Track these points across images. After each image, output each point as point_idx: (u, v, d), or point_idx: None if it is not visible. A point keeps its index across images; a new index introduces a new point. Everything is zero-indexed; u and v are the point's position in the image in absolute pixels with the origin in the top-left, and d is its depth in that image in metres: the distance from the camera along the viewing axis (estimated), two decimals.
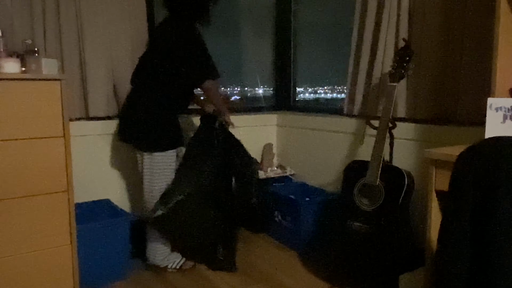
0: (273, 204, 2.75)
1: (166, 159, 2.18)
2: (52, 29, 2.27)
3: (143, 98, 2.16)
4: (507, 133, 1.47)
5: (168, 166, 2.19)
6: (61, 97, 1.81)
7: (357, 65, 2.52)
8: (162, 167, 2.18)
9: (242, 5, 3.27)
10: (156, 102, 2.15)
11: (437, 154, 1.57)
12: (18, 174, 1.75)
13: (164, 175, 2.18)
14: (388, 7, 2.28)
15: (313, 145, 2.92)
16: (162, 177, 2.18)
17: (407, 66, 2.07)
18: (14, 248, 1.78)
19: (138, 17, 2.54)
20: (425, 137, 2.18)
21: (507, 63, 1.59)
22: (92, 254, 2.07)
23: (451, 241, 1.10)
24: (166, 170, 2.19)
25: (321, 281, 2.19)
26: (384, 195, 2.00)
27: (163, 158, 2.17)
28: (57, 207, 1.85)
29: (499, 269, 0.99)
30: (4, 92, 1.69)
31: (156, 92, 2.16)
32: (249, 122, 3.09)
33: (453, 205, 1.11)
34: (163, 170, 2.18)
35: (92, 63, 2.39)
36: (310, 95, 3.36)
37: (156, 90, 2.16)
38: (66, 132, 1.84)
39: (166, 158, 2.17)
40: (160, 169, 2.17)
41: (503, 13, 1.55)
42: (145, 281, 2.20)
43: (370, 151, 2.08)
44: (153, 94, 2.16)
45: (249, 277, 2.25)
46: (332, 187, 2.75)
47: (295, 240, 2.57)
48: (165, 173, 2.18)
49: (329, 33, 3.11)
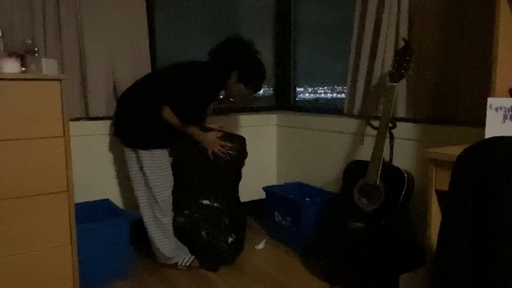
0: (273, 204, 2.75)
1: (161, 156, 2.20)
2: (52, 29, 2.27)
3: (141, 96, 2.21)
4: (507, 133, 1.47)
5: (166, 162, 2.23)
6: (61, 97, 1.81)
7: (357, 65, 2.52)
8: (160, 163, 2.20)
9: (242, 5, 3.27)
10: (153, 101, 2.17)
11: (437, 154, 1.57)
12: (18, 174, 1.75)
13: (165, 171, 2.22)
14: (388, 7, 2.28)
15: (313, 145, 2.92)
16: (164, 173, 2.21)
17: (407, 66, 2.07)
18: (14, 248, 1.77)
19: (138, 17, 2.54)
20: (425, 137, 2.18)
21: (507, 63, 1.59)
22: (92, 254, 2.07)
23: (451, 241, 1.10)
24: (164, 165, 2.21)
25: (321, 281, 2.19)
26: (384, 195, 2.00)
27: (160, 156, 2.19)
28: (57, 207, 1.85)
29: (499, 268, 1.00)
30: (4, 92, 1.69)
31: (153, 93, 2.20)
32: (249, 122, 3.09)
33: (453, 205, 1.11)
34: (162, 166, 2.21)
35: (92, 63, 2.39)
36: (310, 95, 3.36)
37: (154, 91, 2.20)
38: (66, 132, 1.84)
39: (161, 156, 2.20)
40: (157, 165, 2.20)
41: (503, 13, 1.55)
42: (145, 281, 2.20)
43: (370, 151, 2.08)
44: (150, 95, 2.19)
45: (249, 277, 2.25)
46: (332, 187, 2.75)
47: (295, 240, 2.57)
48: (165, 168, 2.22)
49: (329, 33, 3.11)
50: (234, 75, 2.25)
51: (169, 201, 2.27)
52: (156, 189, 2.20)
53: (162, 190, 2.22)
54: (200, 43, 2.35)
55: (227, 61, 2.22)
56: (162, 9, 2.83)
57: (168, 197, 2.26)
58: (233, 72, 2.24)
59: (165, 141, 2.22)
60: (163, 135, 2.20)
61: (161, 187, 2.22)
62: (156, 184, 2.20)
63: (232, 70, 2.24)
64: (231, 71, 2.24)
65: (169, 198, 2.26)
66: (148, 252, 2.44)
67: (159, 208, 2.23)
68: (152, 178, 2.19)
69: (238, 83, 2.26)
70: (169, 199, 2.26)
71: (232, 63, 2.23)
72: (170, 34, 2.91)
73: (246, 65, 2.24)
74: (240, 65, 2.23)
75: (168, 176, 2.25)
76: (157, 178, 2.20)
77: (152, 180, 2.19)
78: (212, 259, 2.33)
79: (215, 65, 2.25)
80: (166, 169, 2.24)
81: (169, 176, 2.26)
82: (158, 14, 2.79)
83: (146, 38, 2.58)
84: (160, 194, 2.22)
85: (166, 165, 2.24)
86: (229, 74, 2.24)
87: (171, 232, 2.29)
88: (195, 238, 2.32)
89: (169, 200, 2.26)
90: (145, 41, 2.57)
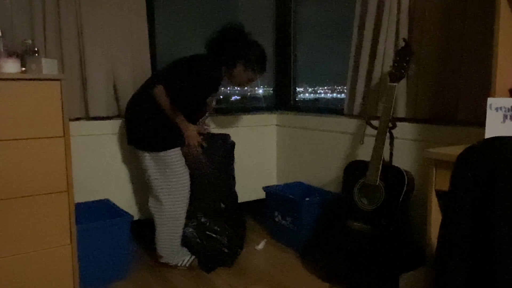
0: (273, 204, 2.75)
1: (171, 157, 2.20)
2: (52, 29, 2.27)
3: (143, 99, 2.21)
4: (507, 133, 1.47)
5: (176, 162, 2.22)
6: (61, 97, 1.81)
7: (357, 65, 2.52)
8: (170, 164, 2.21)
9: (242, 5, 3.27)
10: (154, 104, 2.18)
11: (437, 154, 1.57)
12: (18, 174, 1.75)
13: (174, 171, 2.22)
14: (388, 7, 2.28)
15: (313, 145, 2.92)
16: (174, 174, 2.22)
17: (407, 66, 2.07)
18: (14, 248, 1.77)
19: (138, 17, 2.54)
20: (425, 137, 2.18)
21: (507, 63, 1.59)
22: (92, 254, 2.07)
23: (451, 241, 1.10)
24: (174, 166, 2.21)
25: (321, 281, 2.19)
26: (384, 195, 2.00)
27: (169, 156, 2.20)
28: (57, 207, 1.85)
29: (499, 268, 1.00)
30: (4, 92, 1.69)
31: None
32: (249, 122, 3.10)
33: (453, 205, 1.11)
34: (172, 166, 2.21)
35: (92, 63, 2.39)
36: (310, 95, 3.36)
37: None
38: (66, 132, 1.84)
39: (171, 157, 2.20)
40: (168, 166, 2.20)
41: (503, 13, 1.55)
42: (145, 281, 2.20)
43: (370, 151, 2.08)
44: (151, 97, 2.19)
45: (249, 277, 2.25)
46: (332, 187, 2.75)
47: (295, 240, 2.57)
48: (175, 169, 2.22)
49: (329, 33, 3.11)
50: (240, 65, 2.30)
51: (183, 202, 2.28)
52: (173, 189, 2.22)
53: (172, 190, 2.24)
54: (200, 43, 2.36)
55: (228, 53, 2.28)
56: (162, 9, 2.83)
57: (184, 197, 2.27)
58: (238, 62, 2.30)
59: (175, 141, 2.23)
60: (173, 134, 2.21)
61: (176, 186, 2.24)
62: (171, 183, 2.22)
63: (235, 60, 2.29)
64: (235, 62, 2.30)
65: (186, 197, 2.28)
66: (148, 252, 2.44)
67: (173, 208, 2.25)
68: (167, 177, 2.21)
69: (245, 70, 2.33)
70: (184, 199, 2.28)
71: (235, 54, 2.28)
72: (170, 35, 2.91)
73: (248, 52, 2.30)
74: (243, 54, 2.29)
75: (183, 176, 2.25)
76: (167, 178, 2.22)
77: (167, 179, 2.22)
78: (210, 261, 2.33)
79: (214, 58, 2.28)
80: (179, 168, 2.24)
81: (183, 176, 2.26)
82: (158, 14, 2.79)
83: (146, 38, 2.58)
84: (177, 193, 2.24)
85: (180, 165, 2.24)
86: (234, 64, 2.30)
87: (179, 234, 2.29)
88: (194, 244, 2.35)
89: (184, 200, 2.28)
90: (145, 41, 2.57)
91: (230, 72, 2.33)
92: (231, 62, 2.30)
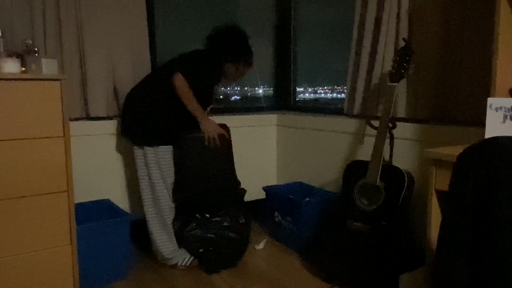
0: (273, 204, 2.75)
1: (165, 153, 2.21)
2: (52, 29, 2.27)
3: (145, 94, 2.22)
4: (507, 133, 1.47)
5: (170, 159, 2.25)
6: (61, 97, 1.81)
7: (357, 65, 2.52)
8: (163, 160, 2.21)
9: (242, 5, 3.27)
10: (158, 97, 2.18)
11: (437, 154, 1.57)
12: (18, 174, 1.75)
13: (167, 168, 2.23)
14: (388, 7, 2.28)
15: (313, 145, 2.92)
16: (166, 171, 2.23)
17: (407, 66, 2.07)
18: (14, 248, 1.77)
19: (138, 17, 2.54)
20: (425, 137, 2.18)
21: (507, 63, 1.59)
22: (92, 254, 2.07)
23: (451, 241, 1.10)
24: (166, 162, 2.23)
25: (321, 281, 2.19)
26: (384, 195, 2.00)
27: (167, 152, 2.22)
28: (57, 207, 1.85)
29: (499, 268, 0.99)
30: (4, 92, 1.69)
31: (157, 89, 2.20)
32: (249, 122, 3.10)
33: (453, 205, 1.11)
34: (163, 162, 2.22)
35: (92, 63, 2.39)
36: (310, 95, 3.36)
37: (158, 87, 2.20)
38: (66, 132, 1.84)
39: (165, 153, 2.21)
40: (160, 162, 2.21)
41: (503, 13, 1.55)
42: (145, 281, 2.20)
43: (370, 151, 2.08)
44: (154, 91, 2.20)
45: (249, 277, 2.25)
46: (332, 187, 2.75)
47: (295, 240, 2.57)
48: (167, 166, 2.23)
49: (329, 33, 3.11)
50: (230, 63, 2.38)
51: (170, 200, 2.27)
52: (158, 187, 2.21)
53: (163, 187, 2.23)
54: (200, 43, 2.36)
55: (222, 52, 2.33)
56: (162, 9, 2.83)
57: (170, 195, 2.26)
58: (230, 59, 2.37)
59: (169, 138, 2.23)
60: (168, 132, 2.21)
61: (162, 185, 2.23)
62: (158, 182, 2.21)
63: (234, 57, 2.36)
64: (238, 59, 2.37)
65: (171, 196, 2.27)
66: (148, 252, 2.44)
67: (161, 207, 2.24)
68: (154, 175, 2.20)
69: (238, 65, 2.40)
70: (170, 197, 2.27)
71: (228, 53, 2.35)
72: (170, 34, 2.91)
73: (236, 50, 2.37)
74: (233, 52, 2.36)
75: (171, 174, 2.26)
76: (158, 174, 2.21)
77: (154, 177, 2.21)
78: (212, 263, 2.33)
79: (214, 53, 2.33)
80: (169, 167, 2.24)
81: (171, 174, 2.26)
82: (158, 14, 2.79)
83: (146, 38, 2.58)
84: (162, 191, 2.23)
85: (170, 163, 2.25)
86: (234, 60, 2.37)
87: (172, 232, 2.29)
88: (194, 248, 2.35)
89: (170, 198, 2.27)
90: (145, 41, 2.57)
91: (228, 68, 2.38)
92: (234, 58, 2.36)
